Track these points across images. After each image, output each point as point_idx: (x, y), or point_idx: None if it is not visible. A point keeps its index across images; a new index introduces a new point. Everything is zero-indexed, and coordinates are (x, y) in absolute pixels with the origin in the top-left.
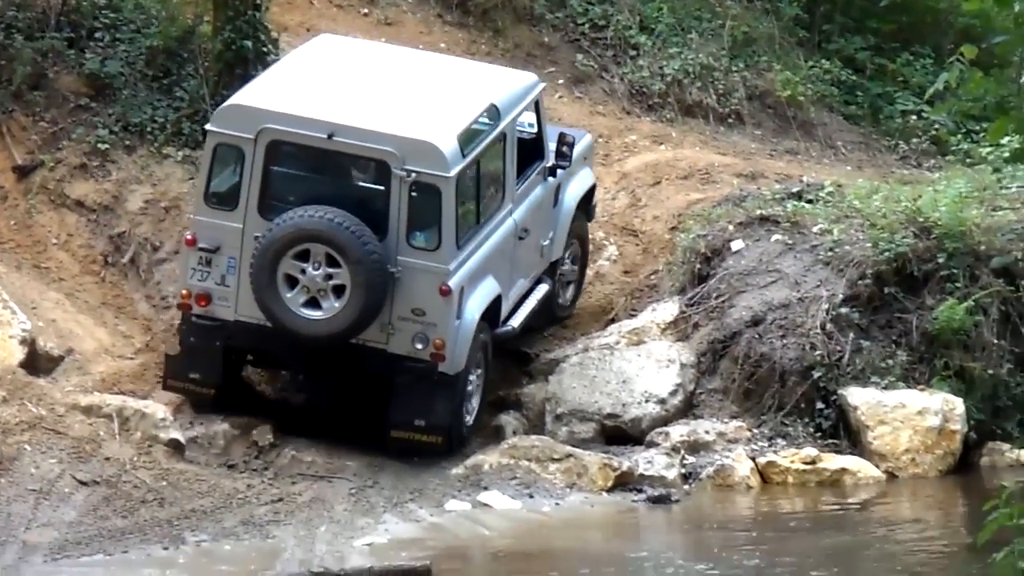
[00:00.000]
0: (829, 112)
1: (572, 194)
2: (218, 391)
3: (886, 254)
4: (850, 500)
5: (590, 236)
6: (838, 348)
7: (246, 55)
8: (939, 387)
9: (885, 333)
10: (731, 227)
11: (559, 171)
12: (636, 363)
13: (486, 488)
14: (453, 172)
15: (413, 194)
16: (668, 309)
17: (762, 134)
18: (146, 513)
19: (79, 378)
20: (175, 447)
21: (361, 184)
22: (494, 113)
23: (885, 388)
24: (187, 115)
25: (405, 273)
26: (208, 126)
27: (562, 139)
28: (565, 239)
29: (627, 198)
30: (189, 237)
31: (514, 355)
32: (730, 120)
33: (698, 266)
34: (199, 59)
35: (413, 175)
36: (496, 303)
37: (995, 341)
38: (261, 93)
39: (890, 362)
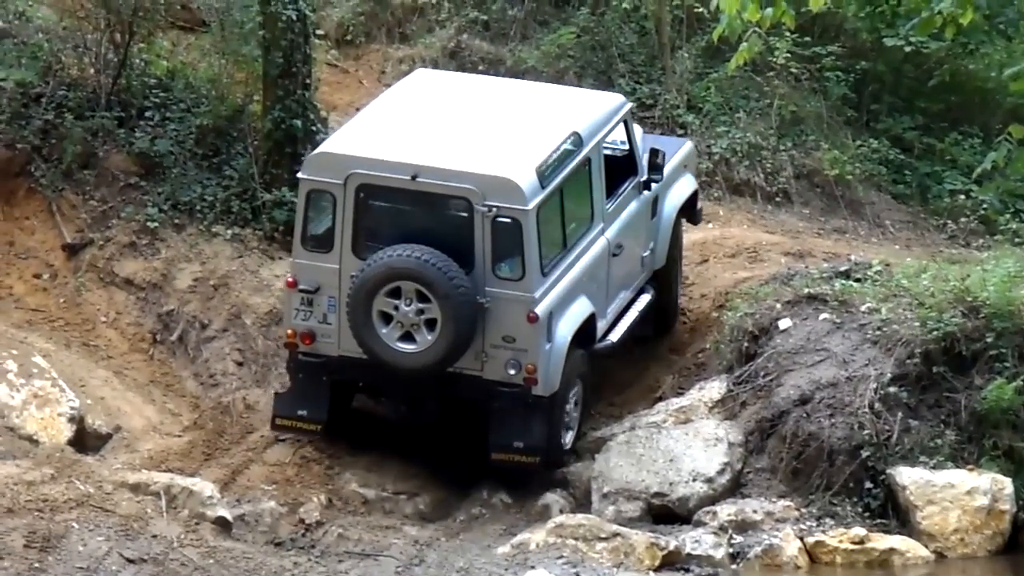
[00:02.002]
0: (877, 191)
1: (672, 203)
2: (325, 426)
3: (934, 333)
4: None
5: None
6: (886, 427)
7: (295, 134)
8: (988, 467)
9: (933, 412)
10: (779, 306)
11: (653, 184)
12: (683, 442)
13: (532, 567)
14: (532, 205)
15: (495, 228)
16: (715, 388)
17: (810, 213)
18: None
19: (127, 456)
20: (222, 525)
21: (447, 221)
22: (577, 140)
23: (934, 468)
24: (236, 194)
25: (494, 303)
26: (300, 174)
27: (653, 153)
28: (667, 247)
29: None
30: (290, 279)
31: None
32: (778, 199)
33: (746, 344)
34: (248, 138)
35: (494, 210)
36: (589, 322)
37: None
38: (349, 139)
39: (939, 442)
